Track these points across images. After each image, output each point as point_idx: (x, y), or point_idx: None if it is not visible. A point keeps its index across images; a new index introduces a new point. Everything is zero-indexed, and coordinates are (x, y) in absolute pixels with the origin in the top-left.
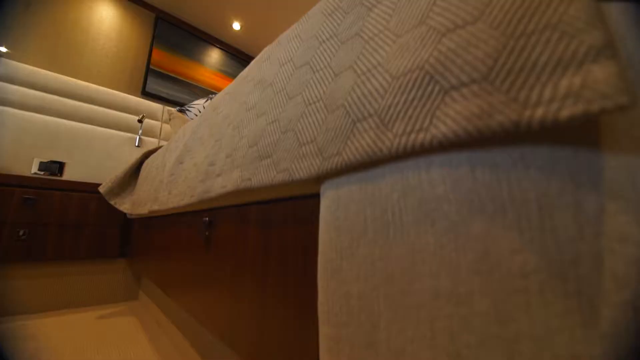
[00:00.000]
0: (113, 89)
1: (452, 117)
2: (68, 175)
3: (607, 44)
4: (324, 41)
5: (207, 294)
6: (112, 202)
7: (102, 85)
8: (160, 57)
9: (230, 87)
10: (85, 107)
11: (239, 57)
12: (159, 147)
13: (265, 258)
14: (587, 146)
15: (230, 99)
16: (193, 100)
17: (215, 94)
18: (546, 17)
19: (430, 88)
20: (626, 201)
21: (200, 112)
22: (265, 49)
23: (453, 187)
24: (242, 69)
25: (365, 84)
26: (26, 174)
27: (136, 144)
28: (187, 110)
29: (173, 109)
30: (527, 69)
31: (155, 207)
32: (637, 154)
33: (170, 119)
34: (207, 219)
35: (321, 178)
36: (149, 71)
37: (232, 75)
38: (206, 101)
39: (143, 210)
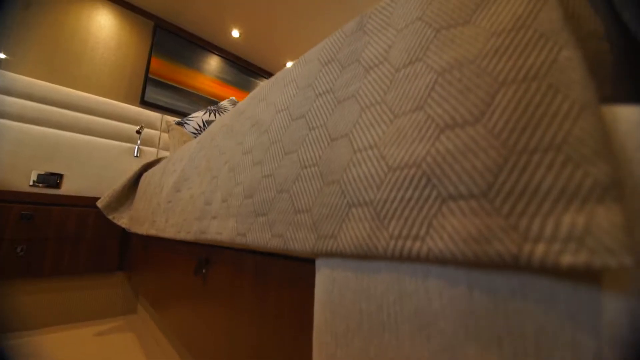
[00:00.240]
0: (112, 98)
1: (449, 233)
2: (66, 186)
3: (614, 181)
4: (320, 94)
5: (201, 329)
6: (110, 217)
7: (101, 95)
8: (159, 65)
9: (227, 118)
10: (84, 118)
11: (238, 64)
12: (158, 160)
13: (262, 312)
14: (588, 283)
15: (227, 133)
16: (192, 109)
17: (214, 102)
18: (550, 134)
19: (427, 192)
20: (626, 350)
21: (199, 126)
22: (263, 85)
23: (450, 303)
24: (242, 76)
25: (361, 165)
26: (24, 186)
27: (135, 154)
28: (186, 123)
29: (172, 121)
30: (528, 193)
31: (153, 232)
32: None
33: (168, 131)
34: (203, 256)
35: (316, 254)
36: (147, 80)
37: (231, 83)
38: (204, 114)
39: (141, 230)
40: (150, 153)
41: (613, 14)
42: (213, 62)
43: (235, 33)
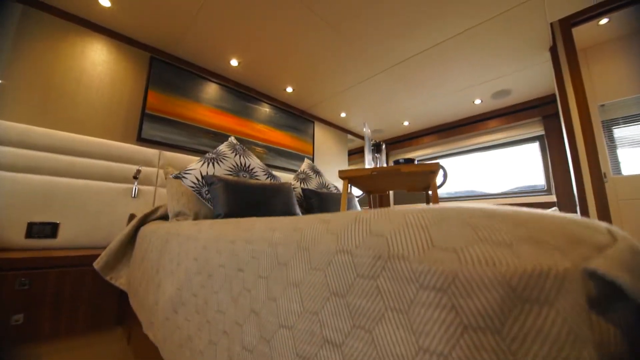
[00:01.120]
0: (107, 138)
1: None
2: (63, 235)
3: None
4: (327, 342)
5: None
6: (107, 278)
7: (97, 135)
8: (156, 99)
9: (225, 257)
10: (79, 161)
11: (237, 91)
12: (155, 210)
13: None
14: None
15: (224, 284)
16: (190, 141)
17: (212, 132)
18: None
19: None
20: None
21: (197, 179)
22: (264, 252)
23: None
24: (241, 103)
25: None
26: (20, 239)
27: (133, 195)
28: (183, 177)
29: (169, 170)
30: None
31: (150, 336)
32: None
33: (165, 177)
34: None
35: None
36: (144, 116)
37: (231, 111)
38: (202, 164)
39: (139, 315)
40: (149, 192)
41: None
42: (211, 91)
43: (234, 62)
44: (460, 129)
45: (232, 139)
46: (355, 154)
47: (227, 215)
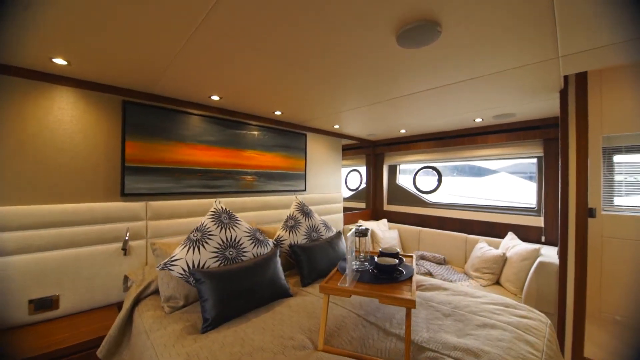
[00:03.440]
0: (89, 200)
1: None
2: (64, 305)
3: None
4: None
5: None
6: None
7: (78, 200)
8: (135, 149)
9: None
10: (66, 231)
11: (222, 119)
12: (148, 285)
13: None
14: None
15: None
16: (177, 187)
17: (199, 171)
18: None
19: None
20: None
21: (183, 270)
22: None
23: None
24: (227, 132)
25: None
26: (24, 317)
27: (124, 254)
28: (170, 269)
29: (156, 248)
30: None
31: None
32: None
33: (153, 253)
34: None
35: None
36: (125, 170)
37: (217, 143)
38: (187, 251)
39: None
40: (140, 247)
41: None
42: (193, 126)
43: (215, 97)
44: (458, 140)
45: (216, 203)
46: (350, 149)
47: (215, 319)
